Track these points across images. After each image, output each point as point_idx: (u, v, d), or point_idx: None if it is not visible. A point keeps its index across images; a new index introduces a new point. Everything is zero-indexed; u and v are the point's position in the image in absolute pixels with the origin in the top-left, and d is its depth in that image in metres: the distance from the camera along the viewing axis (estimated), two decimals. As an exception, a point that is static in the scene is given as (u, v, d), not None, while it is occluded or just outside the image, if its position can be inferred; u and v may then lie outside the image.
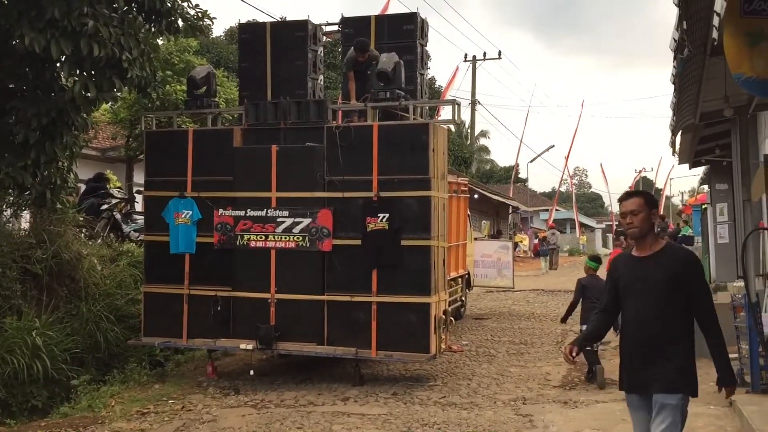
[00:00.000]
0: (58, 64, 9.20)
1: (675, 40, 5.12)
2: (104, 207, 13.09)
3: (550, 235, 32.79)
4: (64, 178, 9.91)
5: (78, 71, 8.97)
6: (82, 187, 13.74)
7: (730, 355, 8.29)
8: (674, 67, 5.94)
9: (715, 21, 4.33)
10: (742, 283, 7.73)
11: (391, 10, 20.46)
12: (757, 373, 7.22)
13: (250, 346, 8.70)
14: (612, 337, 10.06)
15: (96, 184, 13.60)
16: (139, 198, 13.84)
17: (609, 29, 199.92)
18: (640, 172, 57.48)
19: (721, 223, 14.03)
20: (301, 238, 8.71)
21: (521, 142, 50.14)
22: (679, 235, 25.11)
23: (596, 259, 9.53)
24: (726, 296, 10.81)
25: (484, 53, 39.11)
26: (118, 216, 13.23)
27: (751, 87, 4.41)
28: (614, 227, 36.69)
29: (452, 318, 9.59)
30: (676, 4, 4.55)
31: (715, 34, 4.50)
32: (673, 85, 6.66)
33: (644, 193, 4.28)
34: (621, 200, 4.19)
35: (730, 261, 12.79)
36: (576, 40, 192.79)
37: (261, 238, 8.85)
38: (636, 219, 4.06)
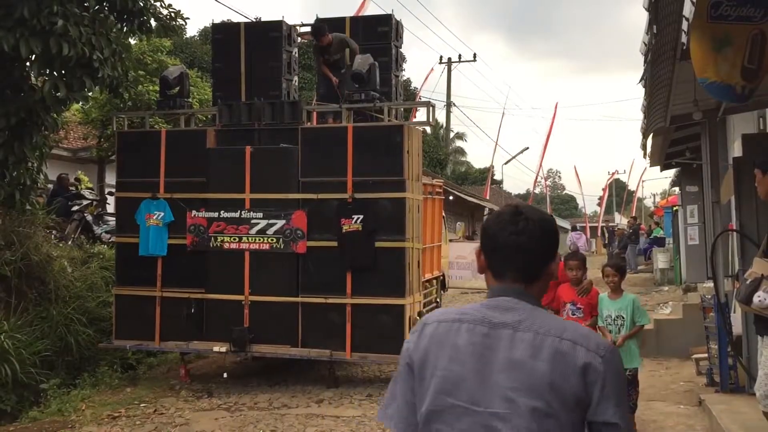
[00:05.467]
0: (27, 64, 9.07)
1: (645, 44, 5.18)
2: (75, 208, 12.92)
3: None
4: (34, 179, 9.77)
5: (48, 71, 8.86)
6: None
7: (701, 355, 8.43)
8: (645, 70, 6.01)
9: (684, 26, 4.38)
10: (711, 284, 7.83)
11: (366, 12, 20.46)
12: (726, 372, 7.32)
13: (223, 349, 8.64)
14: None
15: (56, 186, 13.46)
16: (110, 199, 13.67)
17: (580, 33, 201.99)
18: (613, 174, 58.09)
19: (692, 225, 14.24)
20: (275, 240, 8.67)
21: (497, 144, 50.49)
22: (651, 237, 25.41)
23: None
24: (696, 297, 10.96)
25: (459, 55, 39.11)
26: (89, 217, 13.07)
27: (716, 91, 4.47)
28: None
29: (427, 319, 9.60)
30: (646, 9, 4.60)
31: (684, 39, 4.55)
32: (643, 89, 6.73)
33: None
34: None
35: (700, 262, 12.97)
36: (547, 44, 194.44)
37: (235, 239, 8.80)
38: None
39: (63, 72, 8.86)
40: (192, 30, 33.17)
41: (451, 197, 26.14)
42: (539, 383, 1.72)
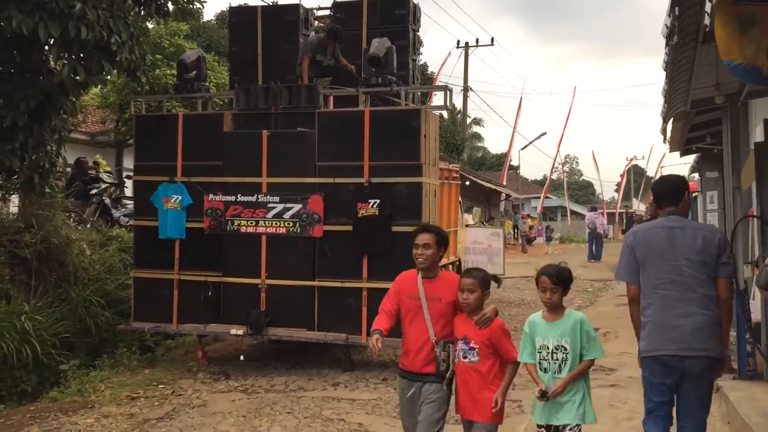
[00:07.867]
0: (46, 47, 9.12)
1: (667, 27, 5.10)
2: (93, 192, 13.03)
3: (522, 223, 33.03)
4: (53, 162, 9.85)
5: (66, 54, 8.89)
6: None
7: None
8: (666, 54, 5.93)
9: (707, 7, 4.32)
10: (730, 271, 7.74)
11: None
12: (744, 359, 7.27)
13: (240, 332, 8.70)
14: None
15: (75, 170, 13.55)
16: (128, 183, 13.77)
17: (598, 17, 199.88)
18: (632, 160, 57.55)
19: (711, 211, 14.08)
20: (291, 224, 8.68)
21: (515, 129, 50.01)
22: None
23: None
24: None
25: (477, 40, 38.83)
26: (107, 201, 13.19)
27: (741, 73, 4.40)
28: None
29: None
30: (668, -9, 4.53)
31: (707, 21, 4.49)
32: (664, 73, 6.64)
33: None
34: None
35: (719, 249, 12.80)
36: (565, 28, 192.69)
37: (251, 223, 8.82)
38: None
39: (81, 55, 8.90)
40: (209, 14, 33.30)
41: (467, 182, 26.08)
42: (698, 249, 4.17)
